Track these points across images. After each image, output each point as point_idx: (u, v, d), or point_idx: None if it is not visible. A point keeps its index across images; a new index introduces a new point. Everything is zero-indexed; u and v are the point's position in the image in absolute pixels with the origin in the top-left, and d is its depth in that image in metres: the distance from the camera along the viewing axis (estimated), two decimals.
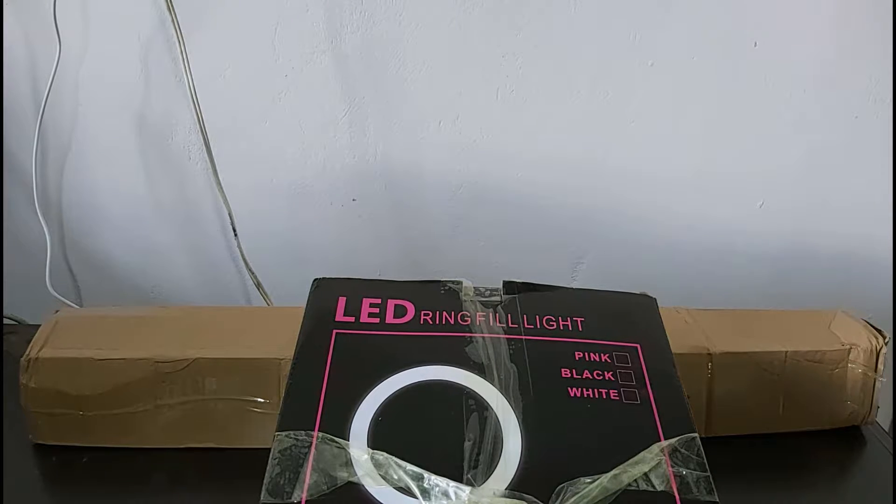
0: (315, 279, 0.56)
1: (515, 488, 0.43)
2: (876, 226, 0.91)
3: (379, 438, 0.45)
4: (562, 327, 0.53)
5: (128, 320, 0.63)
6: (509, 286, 0.56)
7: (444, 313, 0.53)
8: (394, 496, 0.42)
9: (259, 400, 0.58)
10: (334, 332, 0.51)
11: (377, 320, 0.52)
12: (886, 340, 0.65)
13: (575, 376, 0.50)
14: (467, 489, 0.43)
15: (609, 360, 0.51)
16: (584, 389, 0.49)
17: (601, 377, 0.50)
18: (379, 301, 0.54)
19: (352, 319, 0.52)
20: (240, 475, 0.48)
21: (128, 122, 0.83)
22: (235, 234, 0.87)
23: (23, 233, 0.87)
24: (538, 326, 0.53)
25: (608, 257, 0.93)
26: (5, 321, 0.79)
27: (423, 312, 0.53)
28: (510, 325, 0.53)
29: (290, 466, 0.43)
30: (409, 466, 0.43)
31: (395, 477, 0.43)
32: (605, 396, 0.49)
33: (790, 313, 0.70)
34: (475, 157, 0.87)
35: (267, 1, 0.79)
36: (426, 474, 0.43)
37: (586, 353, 0.51)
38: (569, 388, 0.49)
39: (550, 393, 0.49)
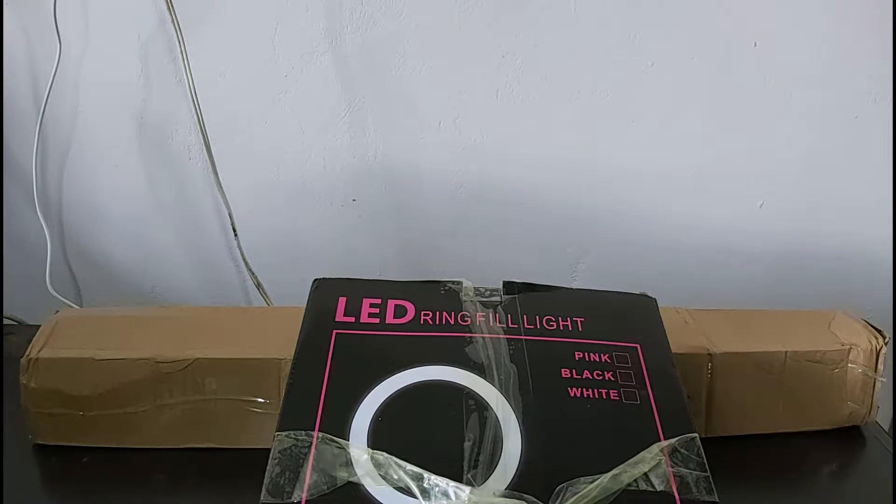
0: (315, 279, 0.56)
1: (515, 488, 0.43)
2: (876, 226, 0.91)
3: (379, 438, 0.45)
4: (562, 327, 0.53)
5: (128, 320, 0.63)
6: (509, 286, 0.56)
7: (444, 313, 0.53)
8: (394, 496, 0.42)
9: (259, 400, 0.58)
10: (334, 332, 0.51)
11: (377, 320, 0.52)
12: (886, 340, 0.65)
13: (575, 376, 0.50)
14: (467, 489, 0.43)
15: (609, 360, 0.51)
16: (584, 389, 0.49)
17: (601, 377, 0.50)
18: (379, 301, 0.54)
19: (352, 319, 0.52)
20: (240, 475, 0.48)
21: (128, 122, 0.83)
22: (235, 234, 0.87)
23: (23, 233, 0.87)
24: (538, 326, 0.53)
25: (608, 257, 0.92)
26: (5, 321, 0.79)
27: (423, 313, 0.53)
28: (510, 325, 0.53)
29: (290, 466, 0.43)
30: (409, 466, 0.43)
31: (395, 477, 0.43)
32: (604, 396, 0.49)
33: (790, 313, 0.70)
34: (475, 157, 0.87)
35: (267, 1, 0.79)
36: (426, 474, 0.43)
37: (586, 354, 0.51)
38: (569, 388, 0.49)
39: (550, 393, 0.49)
